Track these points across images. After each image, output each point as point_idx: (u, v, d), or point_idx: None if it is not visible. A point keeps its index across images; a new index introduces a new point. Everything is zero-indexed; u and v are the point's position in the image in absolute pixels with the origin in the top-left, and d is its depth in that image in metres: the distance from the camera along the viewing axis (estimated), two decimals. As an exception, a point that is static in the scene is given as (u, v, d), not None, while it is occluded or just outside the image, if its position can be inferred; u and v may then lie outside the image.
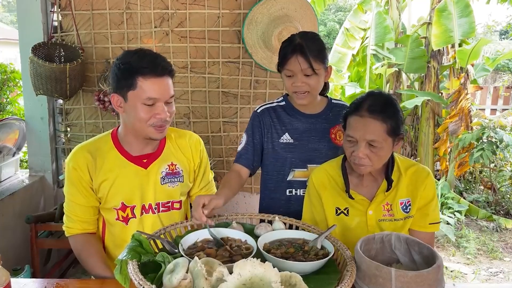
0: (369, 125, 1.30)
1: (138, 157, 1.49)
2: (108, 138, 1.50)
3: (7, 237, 2.49)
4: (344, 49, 5.78)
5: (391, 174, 1.41)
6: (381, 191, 1.42)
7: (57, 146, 2.94)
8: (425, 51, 5.09)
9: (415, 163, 1.47)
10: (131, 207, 1.48)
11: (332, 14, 16.83)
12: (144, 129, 1.40)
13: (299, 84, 1.57)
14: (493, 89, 8.10)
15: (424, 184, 1.41)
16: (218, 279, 0.93)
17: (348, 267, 1.07)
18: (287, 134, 1.68)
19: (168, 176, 1.52)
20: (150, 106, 1.36)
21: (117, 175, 1.45)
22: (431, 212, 1.42)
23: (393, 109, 1.34)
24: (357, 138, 1.32)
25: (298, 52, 1.54)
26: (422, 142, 5.22)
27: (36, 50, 2.55)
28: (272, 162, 1.72)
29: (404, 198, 1.41)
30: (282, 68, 1.61)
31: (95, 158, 1.46)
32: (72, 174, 1.45)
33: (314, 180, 1.52)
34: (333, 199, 1.46)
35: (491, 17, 18.14)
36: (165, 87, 1.38)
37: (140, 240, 1.10)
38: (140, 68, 1.35)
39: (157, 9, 2.76)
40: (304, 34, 1.63)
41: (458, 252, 3.81)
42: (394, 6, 5.44)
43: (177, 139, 1.58)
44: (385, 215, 1.41)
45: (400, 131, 1.35)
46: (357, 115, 1.33)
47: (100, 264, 1.42)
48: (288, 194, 1.70)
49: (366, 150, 1.31)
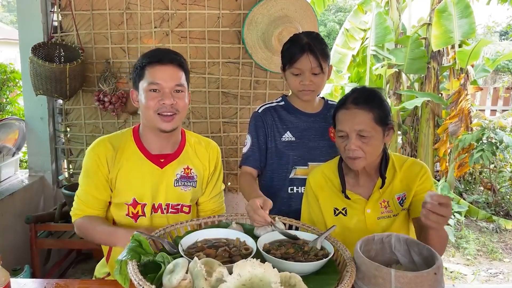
0: (355, 116, 1.34)
1: (156, 156, 1.50)
2: (129, 134, 1.53)
3: (7, 237, 2.49)
4: (344, 49, 5.78)
5: (385, 171, 1.43)
6: (376, 189, 1.43)
7: (56, 146, 2.94)
8: (425, 52, 5.09)
9: (410, 158, 1.49)
10: (142, 205, 1.49)
11: (332, 14, 16.84)
12: (151, 118, 1.43)
13: (307, 83, 1.61)
14: (493, 90, 8.10)
15: (419, 177, 1.42)
16: (218, 280, 0.93)
17: (348, 267, 1.07)
18: (288, 133, 1.72)
19: (182, 179, 1.52)
20: (154, 92, 1.40)
21: (133, 170, 1.47)
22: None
23: (377, 99, 1.38)
24: (347, 131, 1.35)
25: (308, 51, 1.58)
26: (422, 142, 5.22)
27: (36, 50, 2.55)
28: (276, 160, 1.74)
29: (400, 193, 1.43)
30: (290, 67, 1.63)
31: (116, 150, 1.48)
32: (90, 163, 1.47)
33: (311, 182, 1.54)
34: (330, 200, 1.48)
35: (491, 18, 18.16)
36: (170, 74, 1.42)
37: (140, 241, 1.10)
38: (148, 58, 1.43)
39: (157, 9, 2.76)
40: (309, 33, 1.68)
41: (458, 253, 3.81)
42: (394, 7, 5.44)
43: (196, 145, 1.60)
44: (383, 212, 1.42)
45: (388, 120, 1.38)
46: (343, 109, 1.38)
47: (111, 229, 1.43)
48: (289, 191, 1.73)
49: (358, 142, 1.34)
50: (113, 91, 2.73)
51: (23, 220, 2.48)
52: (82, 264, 3.08)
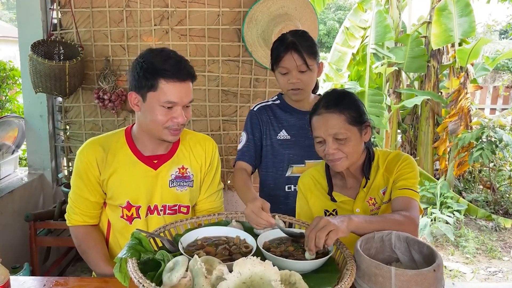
0: (327, 120, 1.34)
1: (149, 157, 1.47)
2: (121, 135, 1.49)
3: (6, 235, 2.49)
4: (344, 48, 5.77)
5: (368, 169, 1.43)
6: (361, 188, 1.44)
7: (56, 144, 2.94)
8: (425, 50, 5.09)
9: (394, 151, 1.47)
10: (136, 207, 1.46)
11: (332, 13, 16.82)
12: (159, 131, 1.38)
13: (294, 81, 1.62)
14: (492, 88, 8.10)
15: (397, 165, 1.40)
16: (218, 278, 0.92)
17: (348, 266, 1.07)
18: (284, 131, 1.73)
19: (177, 180, 1.49)
20: (168, 109, 1.35)
21: (126, 173, 1.44)
22: (403, 180, 1.37)
23: (348, 100, 1.37)
24: (323, 136, 1.35)
25: (292, 49, 1.59)
26: (421, 141, 5.23)
27: (36, 48, 2.54)
28: (271, 159, 1.75)
29: (383, 188, 1.42)
30: (277, 67, 1.65)
31: (106, 152, 1.45)
32: (81, 166, 1.44)
33: (300, 185, 1.55)
34: (320, 202, 1.49)
35: (491, 16, 18.12)
36: (186, 92, 1.36)
37: (139, 238, 1.10)
38: (163, 70, 1.32)
39: (157, 7, 2.75)
40: (295, 32, 1.68)
41: (457, 251, 3.82)
42: (394, 5, 5.44)
43: (192, 142, 1.55)
44: (372, 209, 1.42)
45: (363, 119, 1.37)
46: (316, 115, 1.38)
47: (99, 260, 1.43)
48: (287, 190, 1.74)
49: (335, 145, 1.34)
50: (112, 89, 2.73)
51: (23, 218, 2.48)
52: (81, 262, 3.08)
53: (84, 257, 1.48)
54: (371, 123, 1.41)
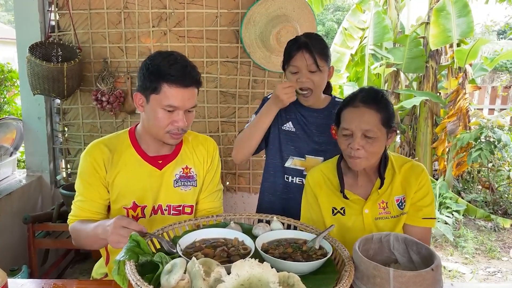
0: (364, 115, 1.33)
1: (154, 158, 1.48)
2: (126, 136, 1.49)
3: (5, 237, 2.48)
4: (342, 48, 5.79)
5: (384, 171, 1.42)
6: (375, 189, 1.43)
7: (54, 146, 2.93)
8: (423, 51, 5.10)
9: (410, 160, 1.48)
10: (142, 207, 1.47)
11: (331, 13, 16.83)
12: (160, 134, 1.39)
13: (304, 80, 1.63)
14: (491, 89, 8.12)
15: (418, 180, 1.41)
16: (216, 280, 0.92)
17: (347, 267, 1.07)
18: (290, 123, 1.76)
19: (181, 179, 1.51)
20: (169, 112, 1.35)
21: (131, 173, 1.45)
22: (425, 207, 1.41)
23: (385, 101, 1.37)
24: (353, 129, 1.34)
25: (304, 48, 1.61)
26: (420, 141, 5.23)
27: (34, 50, 2.54)
28: (275, 146, 1.79)
29: (399, 195, 1.42)
30: (288, 65, 1.67)
31: (112, 153, 1.45)
32: (87, 168, 1.43)
33: (310, 181, 1.53)
34: (329, 199, 1.48)
35: (489, 17, 18.19)
36: (188, 98, 1.36)
37: (138, 241, 1.10)
38: (167, 74, 1.32)
39: (155, 8, 2.75)
40: (309, 34, 1.71)
41: (456, 251, 3.82)
42: (393, 6, 5.45)
43: (194, 142, 1.57)
44: (381, 213, 1.42)
45: (392, 123, 1.38)
46: (351, 107, 1.36)
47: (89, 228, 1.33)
48: (285, 179, 1.78)
49: (362, 141, 1.33)
50: (111, 91, 2.73)
51: (21, 220, 2.47)
52: (80, 265, 3.08)
53: (82, 242, 1.40)
54: (397, 129, 1.41)
